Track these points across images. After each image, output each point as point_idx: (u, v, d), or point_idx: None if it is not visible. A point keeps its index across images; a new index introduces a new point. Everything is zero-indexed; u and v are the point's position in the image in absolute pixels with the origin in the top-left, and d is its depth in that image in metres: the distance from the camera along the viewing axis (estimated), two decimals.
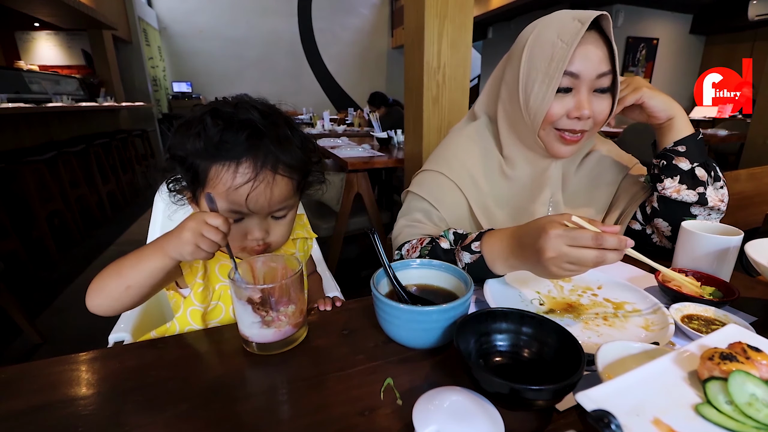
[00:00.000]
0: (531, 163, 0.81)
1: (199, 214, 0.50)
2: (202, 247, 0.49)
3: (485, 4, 6.79)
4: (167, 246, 0.50)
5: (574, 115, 0.71)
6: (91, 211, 3.50)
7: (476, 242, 0.63)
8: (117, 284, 0.52)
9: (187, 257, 0.50)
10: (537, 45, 0.71)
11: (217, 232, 0.49)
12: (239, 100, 0.60)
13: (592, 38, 0.68)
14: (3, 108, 2.80)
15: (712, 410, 0.33)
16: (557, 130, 0.74)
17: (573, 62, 0.68)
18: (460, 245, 0.66)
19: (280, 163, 0.57)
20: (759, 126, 3.11)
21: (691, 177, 0.74)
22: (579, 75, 0.69)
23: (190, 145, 0.55)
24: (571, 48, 0.66)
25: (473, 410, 0.36)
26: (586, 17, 0.66)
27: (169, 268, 0.53)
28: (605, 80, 0.70)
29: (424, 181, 0.84)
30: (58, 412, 0.41)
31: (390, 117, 3.96)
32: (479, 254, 0.62)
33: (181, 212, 0.66)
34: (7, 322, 1.74)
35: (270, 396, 0.44)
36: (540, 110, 0.72)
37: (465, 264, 0.64)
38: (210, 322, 0.64)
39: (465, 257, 0.64)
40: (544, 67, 0.69)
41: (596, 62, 0.68)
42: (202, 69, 7.85)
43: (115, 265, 0.54)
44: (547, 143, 0.76)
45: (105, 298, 0.54)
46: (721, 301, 0.58)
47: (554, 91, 0.69)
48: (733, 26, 6.25)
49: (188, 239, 0.48)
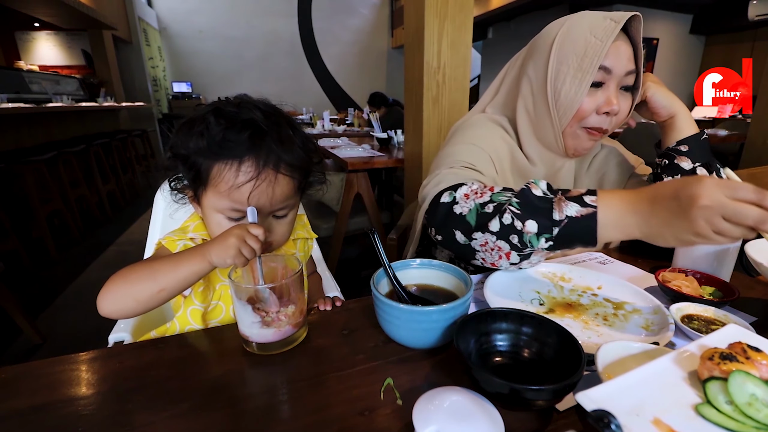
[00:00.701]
0: (546, 162, 0.81)
1: (242, 224, 0.54)
2: (244, 253, 0.51)
3: (485, 4, 6.79)
4: (210, 252, 0.52)
5: (604, 110, 0.71)
6: (91, 211, 3.50)
7: (591, 196, 0.52)
8: (149, 287, 0.52)
9: (228, 261, 0.52)
10: (568, 40, 0.71)
11: (257, 241, 0.52)
12: (242, 100, 0.60)
13: (622, 37, 0.69)
14: (3, 108, 2.80)
15: (712, 410, 0.33)
16: (584, 129, 0.74)
17: (606, 57, 0.68)
18: (563, 194, 0.54)
19: (282, 163, 0.57)
20: (759, 126, 3.11)
21: None
22: (611, 70, 0.69)
23: (192, 144, 0.56)
24: (607, 44, 0.66)
25: (473, 410, 0.36)
26: (620, 17, 0.67)
27: (205, 273, 0.54)
28: (631, 78, 0.72)
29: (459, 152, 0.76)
30: (58, 412, 0.41)
31: (390, 117, 3.96)
32: (593, 209, 0.51)
33: (183, 211, 0.66)
34: (7, 322, 1.74)
35: (270, 396, 0.44)
36: (572, 105, 0.71)
37: (566, 217, 0.52)
38: (210, 321, 0.64)
39: (570, 209, 0.52)
40: (576, 62, 0.69)
41: (626, 59, 0.70)
42: (202, 69, 7.86)
43: (144, 269, 0.53)
44: (569, 141, 0.76)
45: (130, 302, 0.53)
46: (721, 301, 0.58)
47: (588, 85, 0.69)
48: (733, 26, 6.24)
49: (233, 244, 0.51)
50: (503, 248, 0.58)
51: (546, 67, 0.73)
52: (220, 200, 0.56)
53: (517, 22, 7.28)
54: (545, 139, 0.78)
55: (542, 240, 0.54)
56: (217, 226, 0.59)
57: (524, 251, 0.56)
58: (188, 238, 0.62)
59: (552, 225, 0.53)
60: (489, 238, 0.58)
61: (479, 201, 0.60)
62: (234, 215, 0.58)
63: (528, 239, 0.55)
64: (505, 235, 0.56)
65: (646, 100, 0.77)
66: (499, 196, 0.59)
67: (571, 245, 0.54)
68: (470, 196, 0.61)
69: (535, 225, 0.53)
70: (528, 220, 0.54)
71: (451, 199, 0.63)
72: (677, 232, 0.45)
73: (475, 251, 0.61)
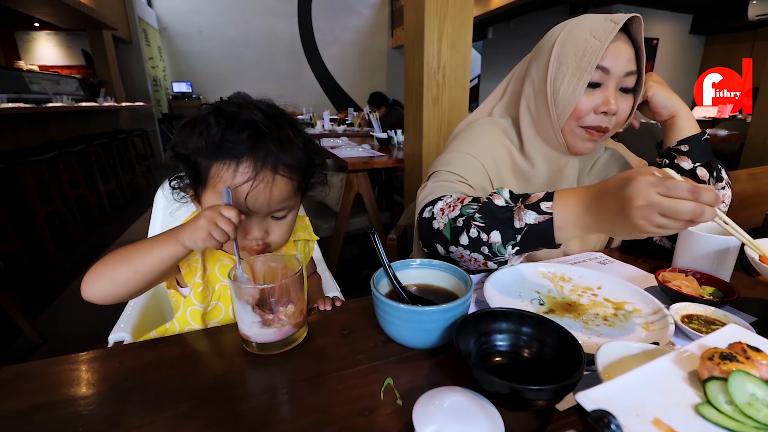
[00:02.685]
0: (549, 161, 0.81)
1: (214, 206, 0.53)
2: (214, 235, 0.51)
3: (485, 4, 6.79)
4: (182, 233, 0.52)
5: (602, 110, 0.71)
6: (91, 211, 3.50)
7: (547, 202, 0.56)
8: (125, 269, 0.53)
9: (199, 244, 0.52)
10: (569, 41, 0.71)
11: (229, 224, 0.51)
12: (243, 100, 0.60)
13: (623, 38, 0.70)
14: (3, 108, 2.80)
15: (712, 410, 0.33)
16: (582, 128, 0.74)
17: (604, 57, 0.69)
18: (522, 202, 0.58)
19: (281, 164, 0.57)
20: (759, 126, 3.11)
21: (691, 177, 0.74)
22: (609, 70, 0.70)
23: (192, 144, 0.56)
24: (605, 44, 0.67)
25: (473, 410, 0.36)
26: (619, 18, 0.68)
27: (179, 256, 0.54)
28: (631, 80, 0.72)
29: (453, 161, 0.79)
30: (58, 412, 0.41)
31: (390, 117, 3.96)
32: (549, 216, 0.55)
33: (184, 210, 0.66)
34: (7, 322, 1.74)
35: (270, 396, 0.44)
36: (569, 104, 0.72)
37: (525, 224, 0.56)
38: (210, 322, 0.64)
39: (528, 216, 0.56)
40: (575, 61, 0.70)
41: (625, 60, 0.70)
42: (202, 69, 7.86)
43: (122, 251, 0.55)
44: (569, 140, 0.76)
45: (108, 284, 0.54)
46: (721, 301, 0.58)
47: (585, 84, 0.70)
48: (733, 26, 6.25)
49: (203, 226, 0.51)
50: (479, 259, 0.63)
51: (547, 67, 0.73)
52: (218, 200, 0.57)
53: (517, 22, 7.29)
54: (546, 137, 0.79)
55: (509, 248, 0.58)
56: None
57: (498, 259, 0.61)
58: None
59: (514, 233, 0.57)
60: (463, 251, 0.63)
61: (451, 216, 0.64)
62: None
63: (497, 249, 0.59)
64: (476, 247, 0.61)
65: (647, 100, 0.77)
66: (467, 208, 0.63)
67: (536, 248, 0.59)
68: (445, 210, 0.65)
69: (498, 235, 0.58)
70: (492, 231, 0.59)
71: (430, 214, 0.68)
72: (625, 229, 0.48)
73: (457, 262, 0.65)
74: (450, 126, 1.61)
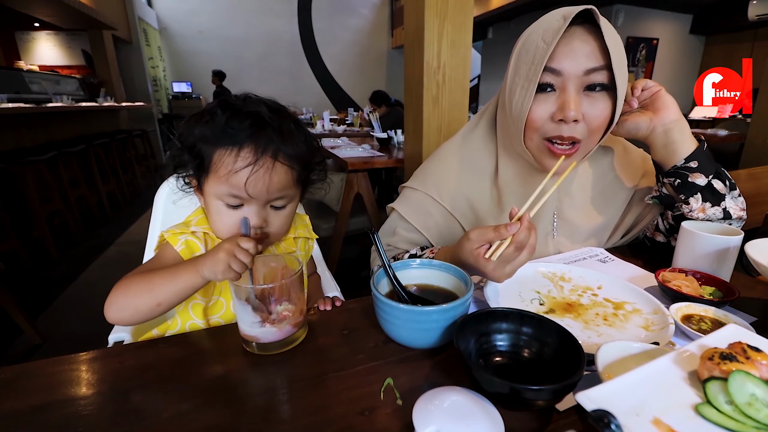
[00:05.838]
0: (523, 180, 0.78)
1: (233, 237, 0.54)
2: (233, 267, 0.51)
3: (485, 4, 6.79)
4: (201, 265, 0.53)
5: (558, 117, 0.64)
6: (91, 211, 3.50)
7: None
8: (148, 300, 0.54)
9: (219, 276, 0.52)
10: (523, 49, 0.67)
11: (248, 255, 0.52)
12: (247, 96, 0.62)
13: (580, 33, 0.63)
14: (3, 108, 2.80)
15: (712, 410, 0.33)
16: (546, 141, 0.68)
17: (554, 59, 0.63)
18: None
19: (281, 152, 0.59)
20: (759, 126, 3.11)
21: (711, 192, 0.71)
22: (562, 72, 0.64)
23: (198, 132, 0.58)
24: (551, 47, 0.62)
25: (473, 410, 0.36)
26: (569, 12, 0.61)
27: (198, 286, 0.55)
28: (597, 76, 0.64)
29: (405, 199, 0.88)
30: (58, 412, 0.41)
31: (390, 117, 3.96)
32: None
33: (187, 199, 0.67)
34: (7, 322, 1.74)
35: (270, 396, 0.44)
36: (521, 114, 0.67)
37: None
38: (211, 316, 0.65)
39: None
40: (526, 70, 0.66)
41: (582, 57, 0.63)
42: (202, 69, 7.85)
43: (143, 280, 0.55)
44: (536, 156, 0.71)
45: (134, 314, 0.55)
46: (721, 301, 0.58)
47: (533, 92, 0.64)
48: (733, 26, 6.24)
49: (222, 259, 0.51)
50: None
51: (506, 78, 0.71)
52: (220, 185, 0.58)
53: (517, 22, 7.28)
54: (516, 152, 0.76)
55: None
56: (216, 214, 0.61)
57: None
58: (190, 232, 0.63)
59: None
60: None
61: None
62: (232, 201, 0.59)
63: None
64: None
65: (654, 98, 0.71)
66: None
67: None
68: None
69: None
70: None
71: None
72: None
73: None
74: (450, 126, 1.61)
